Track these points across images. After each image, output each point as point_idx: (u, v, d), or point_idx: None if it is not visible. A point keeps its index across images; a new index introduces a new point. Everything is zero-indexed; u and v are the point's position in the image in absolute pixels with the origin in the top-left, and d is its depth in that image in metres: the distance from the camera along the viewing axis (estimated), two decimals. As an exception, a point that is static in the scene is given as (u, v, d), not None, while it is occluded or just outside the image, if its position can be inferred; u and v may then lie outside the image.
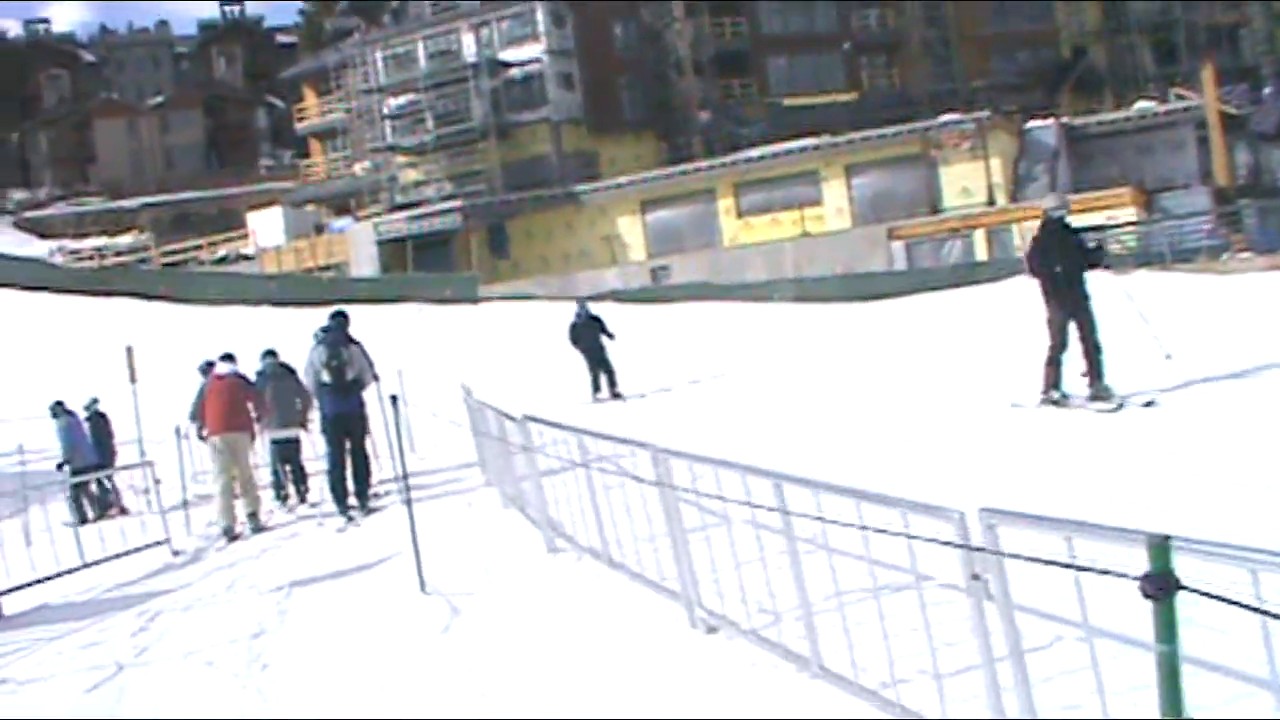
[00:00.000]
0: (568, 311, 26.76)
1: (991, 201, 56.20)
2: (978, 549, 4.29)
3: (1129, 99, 68.42)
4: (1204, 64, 63.29)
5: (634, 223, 63.64)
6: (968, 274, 45.76)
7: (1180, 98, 63.67)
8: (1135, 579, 3.32)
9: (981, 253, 52.68)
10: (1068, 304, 13.55)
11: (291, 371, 16.96)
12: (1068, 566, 3.86)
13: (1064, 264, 13.58)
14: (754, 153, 62.09)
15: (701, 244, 61.03)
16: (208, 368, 17.14)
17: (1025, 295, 32.13)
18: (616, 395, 24.42)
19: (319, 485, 16.39)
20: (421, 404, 17.67)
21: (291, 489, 17.12)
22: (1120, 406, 12.96)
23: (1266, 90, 71.98)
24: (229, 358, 16.12)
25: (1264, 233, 38.18)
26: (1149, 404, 12.89)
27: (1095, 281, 13.94)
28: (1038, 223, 14.70)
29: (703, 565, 6.71)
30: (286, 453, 17.06)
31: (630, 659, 6.62)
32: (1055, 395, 13.64)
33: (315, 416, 16.56)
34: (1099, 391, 13.37)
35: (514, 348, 38.24)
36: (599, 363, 24.84)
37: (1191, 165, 59.90)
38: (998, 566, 4.28)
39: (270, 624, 9.23)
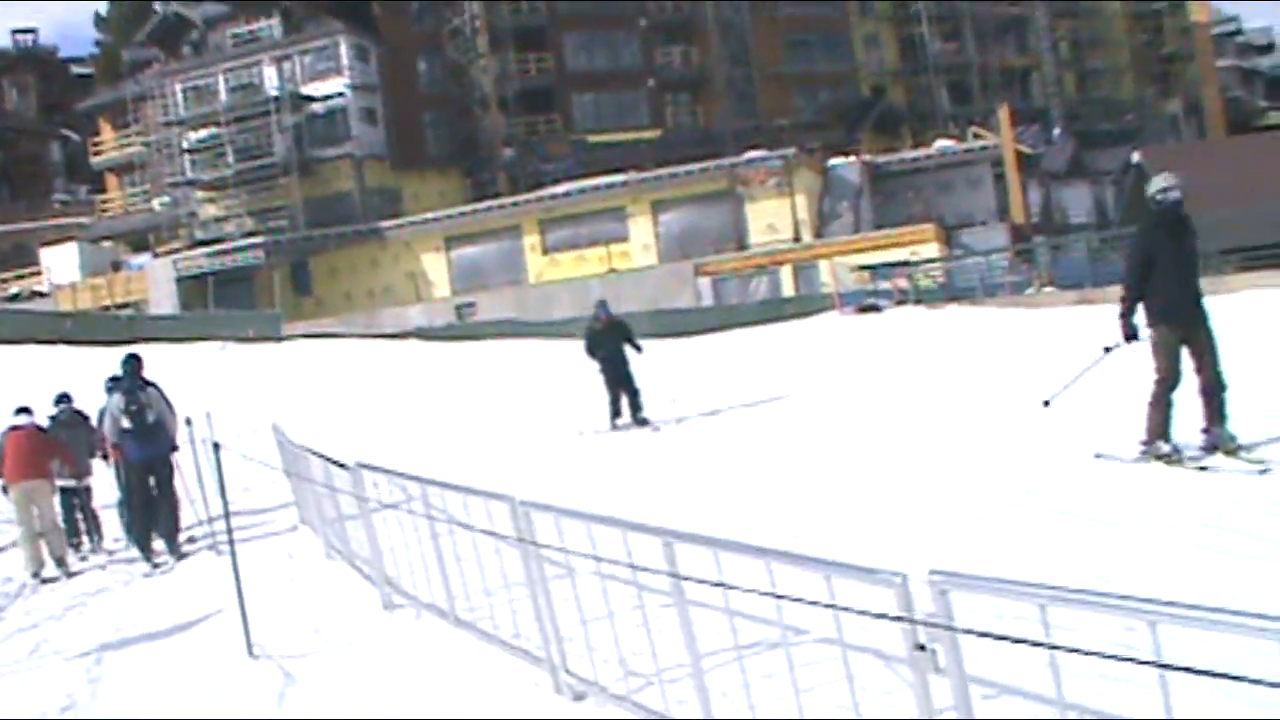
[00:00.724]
0: (371, 348, 25.78)
1: (797, 238, 56.81)
2: (922, 622, 3.82)
3: (927, 138, 70.03)
4: (1000, 105, 65.10)
5: (439, 259, 63.08)
6: (775, 310, 46.04)
7: (978, 137, 65.31)
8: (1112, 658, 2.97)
9: (788, 288, 53.12)
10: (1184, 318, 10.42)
11: (85, 419, 16.45)
12: (1033, 644, 3.40)
13: (1179, 264, 10.47)
14: (560, 189, 62.04)
15: (507, 281, 60.75)
16: (17, 413, 16.35)
17: (832, 331, 32.33)
18: (641, 421, 19.89)
19: (111, 532, 16.08)
20: (230, 445, 16.91)
21: (85, 537, 16.45)
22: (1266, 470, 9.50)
23: (1056, 131, 74.23)
24: (25, 410, 15.62)
25: (1066, 268, 39.08)
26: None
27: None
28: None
29: (567, 623, 6.23)
30: (79, 500, 16.43)
31: (492, 731, 6.16)
32: (1164, 448, 10.27)
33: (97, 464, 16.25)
34: (1221, 440, 10.23)
35: (321, 386, 37.25)
36: (620, 380, 20.30)
37: (989, 202, 61.49)
38: (950, 637, 3.75)
39: (80, 696, 8.46)
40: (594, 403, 20.99)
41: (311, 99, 67.06)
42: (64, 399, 16.79)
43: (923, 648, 3.85)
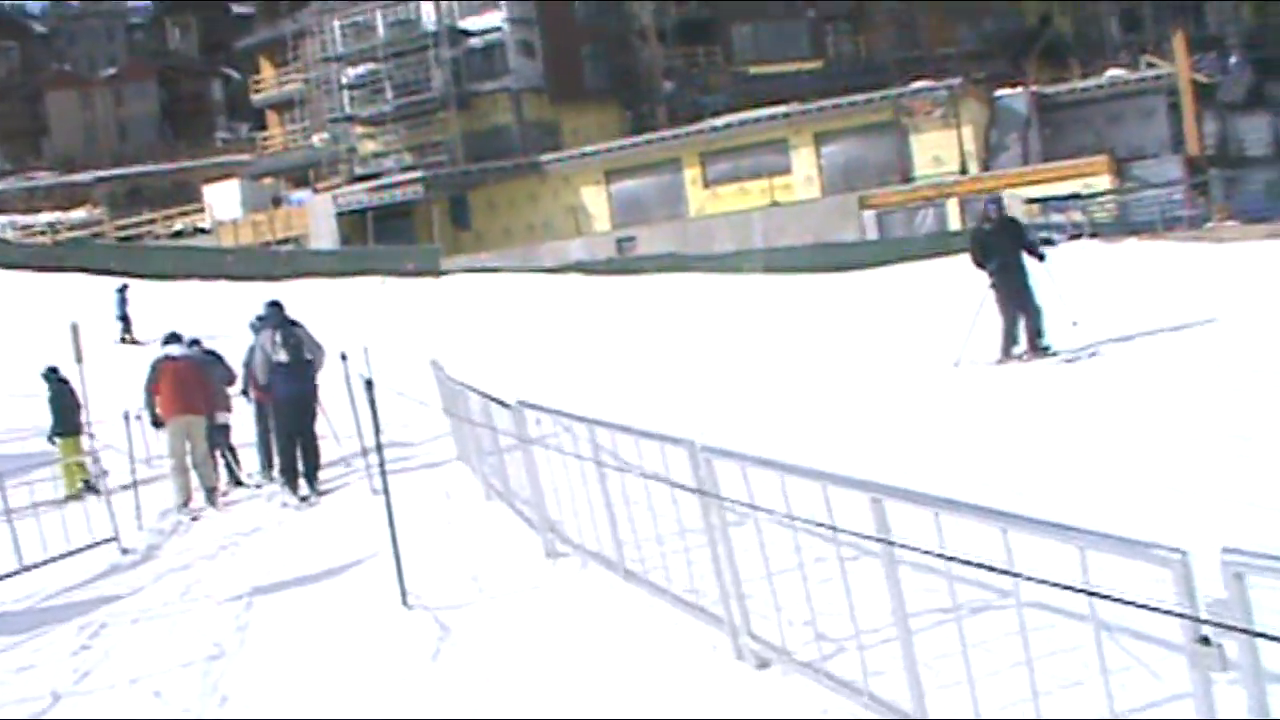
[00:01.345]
0: (530, 283, 25.21)
1: (964, 170, 55.31)
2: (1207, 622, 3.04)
3: (1096, 68, 67.71)
4: (1174, 32, 62.68)
5: (598, 193, 62.52)
6: (942, 244, 44.75)
7: (1151, 66, 62.98)
8: None
9: (955, 222, 51.75)
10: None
11: (219, 357, 17.00)
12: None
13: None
14: (720, 121, 61.00)
15: (667, 215, 59.98)
16: (169, 341, 16.23)
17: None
18: (1041, 350, 16.15)
19: (248, 468, 16.66)
20: (388, 381, 16.54)
21: (225, 472, 16.51)
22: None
23: (1232, 60, 71.41)
24: (177, 338, 15.65)
25: (1246, 201, 37.51)
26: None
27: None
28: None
29: (751, 579, 5.54)
30: (220, 437, 16.39)
31: (664, 699, 5.48)
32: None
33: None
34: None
35: (480, 321, 37.10)
36: (1018, 295, 16.35)
37: (1162, 134, 59.34)
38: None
39: (229, 644, 7.96)
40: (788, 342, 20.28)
41: (469, 33, 66.64)
42: (186, 340, 16.73)
43: (1207, 641, 3.10)
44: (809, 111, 59.03)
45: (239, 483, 16.60)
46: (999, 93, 60.06)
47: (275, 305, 15.23)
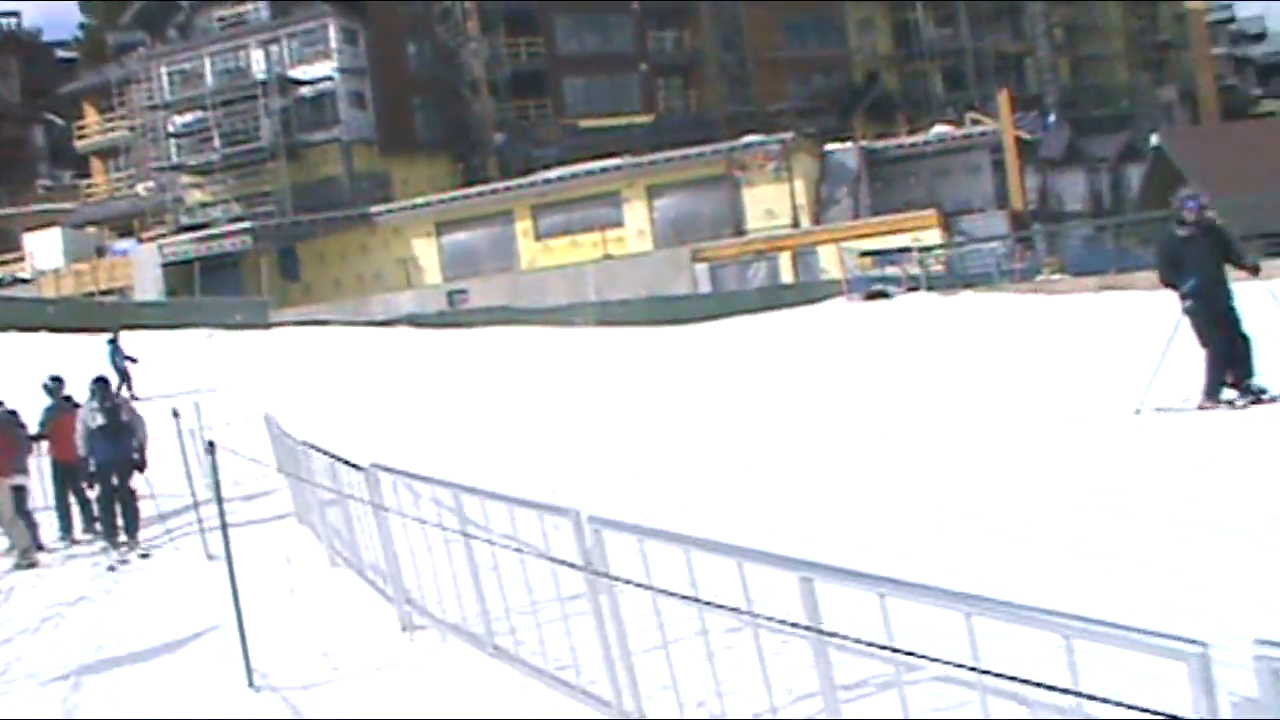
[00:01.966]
0: (361, 336, 24.63)
1: (796, 223, 55.86)
2: None
3: (921, 124, 69.15)
4: (998, 91, 64.19)
5: (429, 245, 62.03)
6: (774, 296, 45.06)
7: (976, 123, 64.43)
8: None
9: (787, 275, 52.16)
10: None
11: (16, 415, 16.29)
12: None
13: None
14: (553, 173, 60.97)
15: (499, 267, 59.70)
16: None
17: (847, 318, 31.43)
18: (1254, 395, 12.49)
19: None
20: (220, 437, 15.90)
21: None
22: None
23: (1051, 118, 73.36)
24: None
25: (1076, 254, 38.37)
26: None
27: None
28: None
29: (643, 655, 5.21)
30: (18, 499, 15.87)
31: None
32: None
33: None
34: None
35: (311, 374, 36.24)
36: (1226, 319, 12.80)
37: (987, 189, 60.74)
38: None
39: (56, 732, 7.45)
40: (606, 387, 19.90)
41: (299, 82, 65.82)
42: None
43: None
44: (642, 164, 59.23)
45: (40, 546, 15.95)
46: (829, 147, 60.87)
47: (56, 380, 16.26)
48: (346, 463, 8.75)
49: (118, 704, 7.79)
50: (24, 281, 64.47)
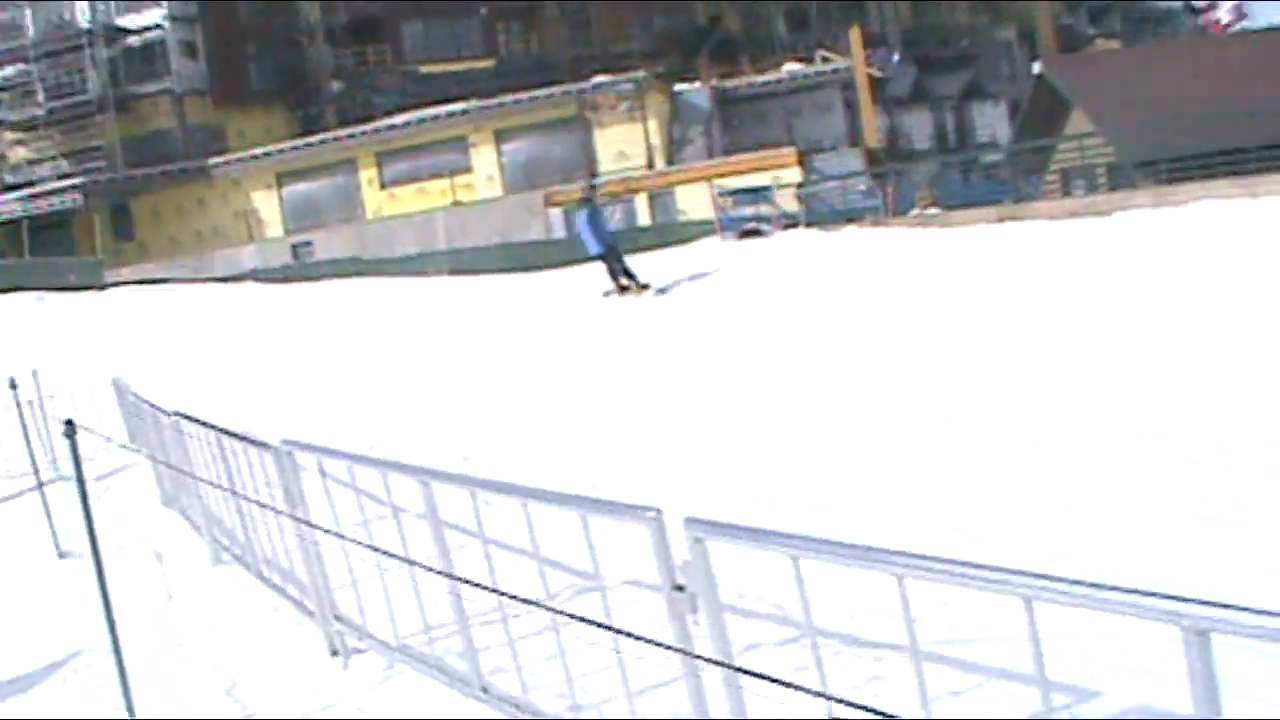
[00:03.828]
0: (203, 293, 23.18)
1: (651, 165, 54.98)
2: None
3: (766, 65, 68.60)
4: (844, 28, 63.92)
5: (270, 197, 60.04)
6: (633, 239, 44.08)
7: (827, 60, 64.01)
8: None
9: (645, 217, 51.30)
10: None
11: None
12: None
13: None
14: (398, 119, 59.28)
15: (345, 217, 58.02)
16: None
17: (715, 258, 30.62)
18: None
19: None
20: (61, 409, 14.36)
21: None
22: None
23: (896, 57, 73.39)
24: None
25: (953, 187, 38.42)
26: None
27: None
28: None
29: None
30: None
31: None
32: None
33: None
34: None
35: (154, 336, 34.57)
36: None
37: (839, 127, 60.43)
38: (707, 580, 3.67)
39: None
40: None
41: (126, 31, 63.22)
42: None
43: (681, 588, 3.74)
44: (490, 108, 57.80)
45: None
46: (679, 88, 60.02)
47: None
48: (241, 437, 7.12)
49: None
50: None
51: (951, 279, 18.38)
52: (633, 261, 34.93)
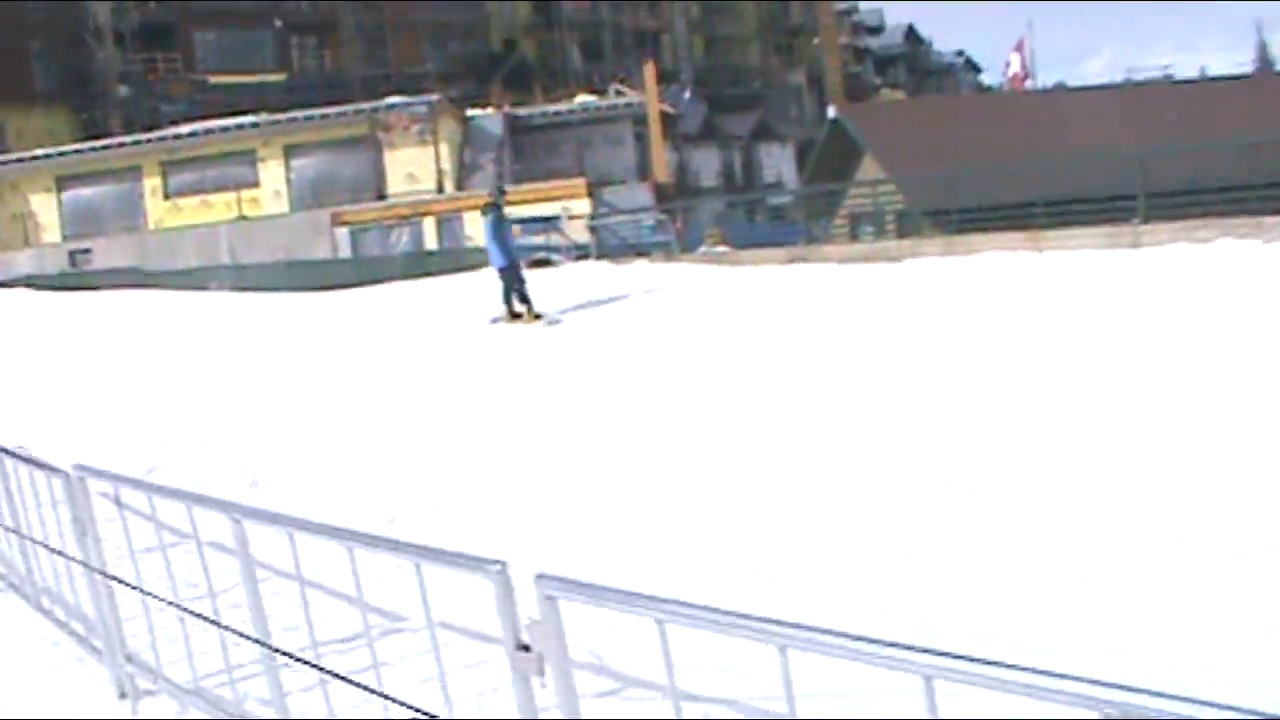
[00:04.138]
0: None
1: (440, 188, 54.95)
2: None
3: (558, 94, 69.22)
4: (638, 63, 64.85)
5: (49, 201, 58.42)
6: (419, 263, 44.04)
7: (620, 94, 64.76)
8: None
9: (432, 241, 51.24)
10: None
11: None
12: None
13: None
14: (185, 129, 58.17)
15: (126, 226, 56.70)
16: None
17: (481, 287, 30.63)
18: None
19: None
20: None
21: None
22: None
23: (687, 95, 74.69)
24: None
25: (739, 227, 39.20)
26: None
27: None
28: None
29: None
30: None
31: None
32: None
33: None
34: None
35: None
36: None
37: (630, 160, 61.08)
38: (558, 640, 3.42)
39: None
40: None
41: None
42: None
43: (527, 648, 3.50)
44: (280, 122, 57.13)
45: None
46: (472, 113, 60.12)
47: None
48: (29, 460, 6.61)
49: None
50: None
51: (761, 316, 18.73)
52: (426, 286, 35.05)
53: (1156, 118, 37.50)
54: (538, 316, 21.47)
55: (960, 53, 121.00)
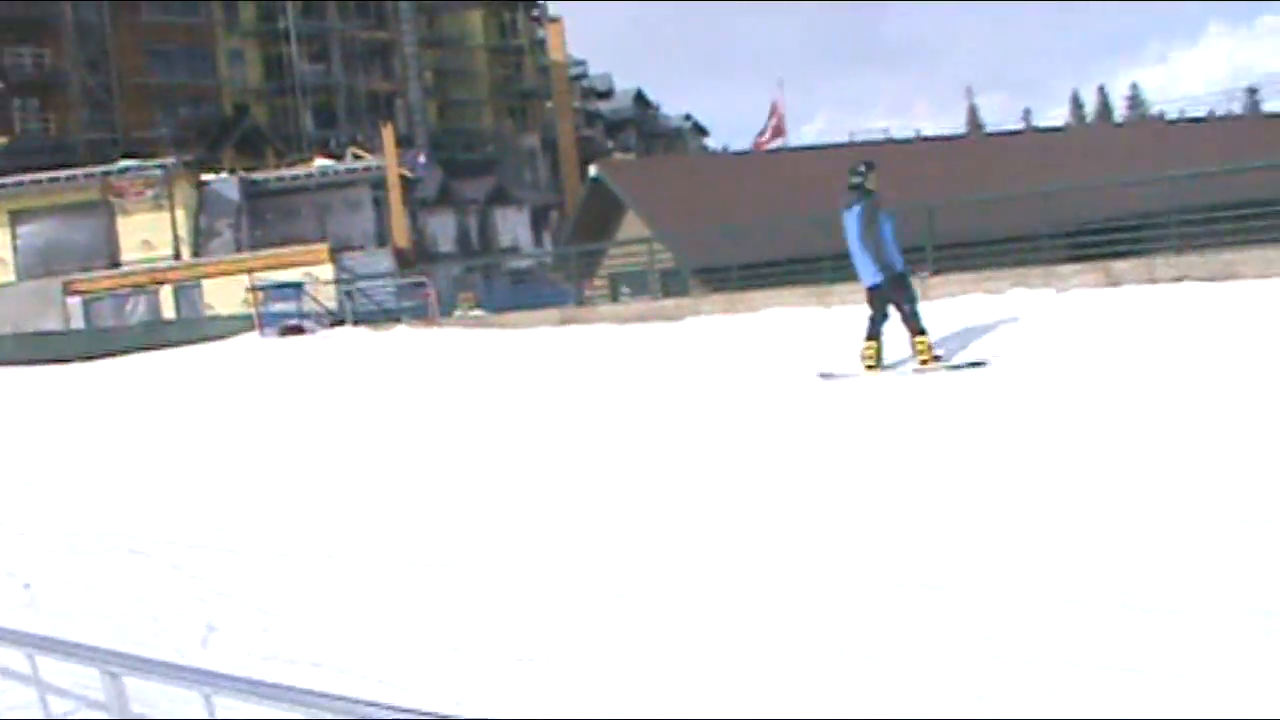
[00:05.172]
0: None
1: (178, 255, 53.61)
2: None
3: (292, 159, 68.49)
4: (372, 127, 64.70)
5: None
6: (158, 333, 42.74)
7: (358, 158, 64.38)
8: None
9: (170, 310, 49.84)
10: None
11: None
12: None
13: None
14: (-100, 194, 55.60)
15: None
16: None
17: (260, 355, 29.91)
18: None
19: None
20: None
21: None
22: None
23: (422, 159, 74.56)
24: None
25: (496, 292, 39.10)
26: None
27: None
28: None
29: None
30: None
31: None
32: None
33: None
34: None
35: None
36: None
37: (369, 225, 60.68)
38: None
39: None
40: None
41: None
42: None
43: None
44: (6, 187, 54.99)
45: None
46: (208, 177, 58.94)
47: None
48: None
49: None
50: None
51: (543, 379, 18.53)
52: (164, 358, 33.85)
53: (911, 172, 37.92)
54: (933, 355, 14.02)
55: (688, 116, 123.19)
